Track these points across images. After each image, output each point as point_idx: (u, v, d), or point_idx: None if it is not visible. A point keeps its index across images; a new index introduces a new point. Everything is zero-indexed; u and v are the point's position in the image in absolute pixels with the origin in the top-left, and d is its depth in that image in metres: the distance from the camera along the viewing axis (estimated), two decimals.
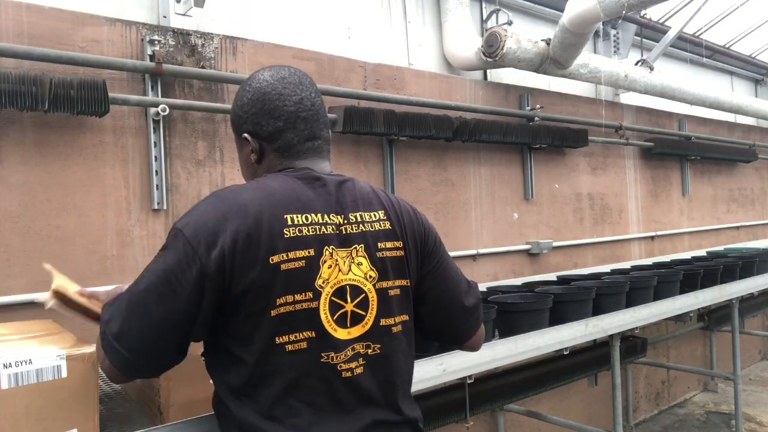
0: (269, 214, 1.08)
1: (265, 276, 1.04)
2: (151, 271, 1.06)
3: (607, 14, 3.05)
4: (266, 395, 1.06)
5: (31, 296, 2.02)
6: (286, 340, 1.06)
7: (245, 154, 1.26)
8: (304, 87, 1.22)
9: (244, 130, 1.23)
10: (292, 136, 1.20)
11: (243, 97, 1.23)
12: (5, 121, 2.05)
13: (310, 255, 1.08)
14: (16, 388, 1.20)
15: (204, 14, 2.60)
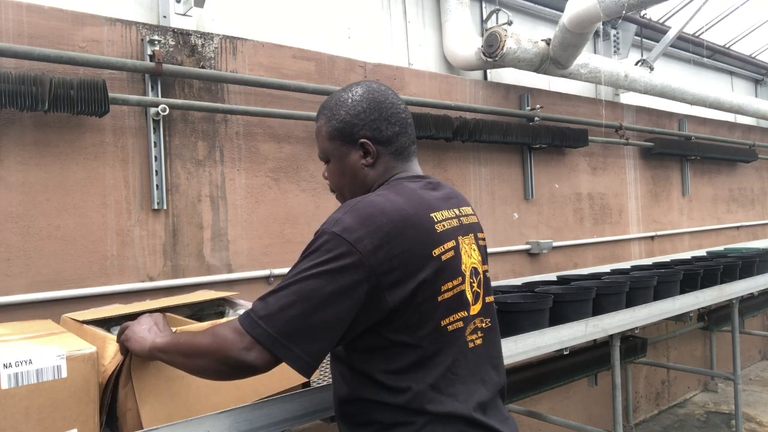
0: (422, 214, 1.21)
1: (432, 268, 1.18)
2: (316, 278, 1.13)
3: (607, 14, 3.05)
4: (432, 373, 1.18)
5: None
6: (448, 321, 1.21)
7: (353, 161, 1.32)
8: (398, 98, 1.37)
9: (361, 136, 1.31)
10: (405, 140, 1.35)
11: (356, 106, 1.31)
12: (5, 121, 2.05)
13: (454, 245, 1.24)
14: (16, 388, 1.20)
15: (204, 14, 2.60)
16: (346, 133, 1.31)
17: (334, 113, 1.32)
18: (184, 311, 1.88)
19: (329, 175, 1.38)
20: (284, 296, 1.12)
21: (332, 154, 1.34)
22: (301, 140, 2.80)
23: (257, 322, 1.11)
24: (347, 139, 1.31)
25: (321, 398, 1.56)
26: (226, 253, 2.54)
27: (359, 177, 1.33)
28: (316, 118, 1.38)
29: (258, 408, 1.45)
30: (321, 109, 1.37)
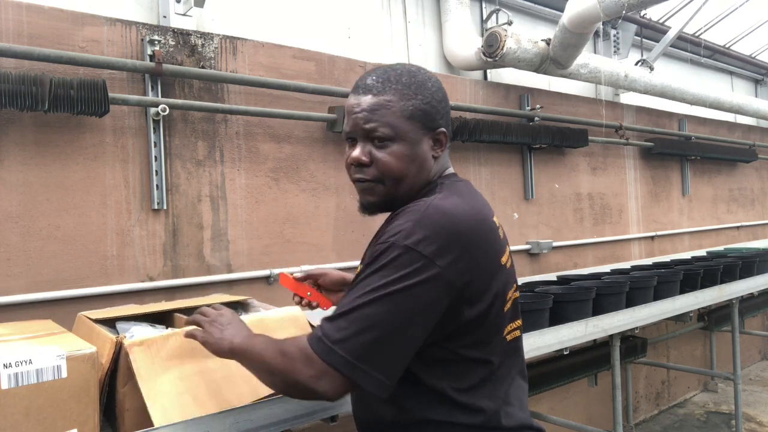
0: (489, 220, 1.16)
1: (502, 277, 1.14)
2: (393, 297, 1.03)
3: (607, 14, 3.05)
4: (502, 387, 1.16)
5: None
6: (507, 331, 1.18)
7: (425, 149, 1.19)
8: None
9: (440, 125, 1.20)
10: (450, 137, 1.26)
11: (437, 93, 1.21)
12: (5, 121, 2.05)
13: (508, 252, 1.21)
14: (16, 388, 1.20)
15: (204, 14, 2.60)
16: (429, 117, 1.18)
17: (416, 93, 1.17)
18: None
19: (389, 159, 1.16)
20: (359, 319, 1.02)
21: (406, 135, 1.16)
22: (301, 140, 2.80)
23: (332, 349, 1.01)
24: (428, 124, 1.18)
25: None
26: (226, 253, 2.54)
27: (426, 167, 1.20)
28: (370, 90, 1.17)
29: (258, 408, 1.45)
30: (384, 82, 1.17)
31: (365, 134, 1.16)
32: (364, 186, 1.20)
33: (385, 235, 1.08)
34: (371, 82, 1.18)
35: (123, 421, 1.40)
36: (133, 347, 1.38)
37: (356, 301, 1.04)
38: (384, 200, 1.20)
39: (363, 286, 1.05)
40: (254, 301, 2.01)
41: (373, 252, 1.08)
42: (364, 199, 1.22)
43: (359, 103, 1.17)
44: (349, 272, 2.92)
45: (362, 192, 1.22)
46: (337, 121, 2.78)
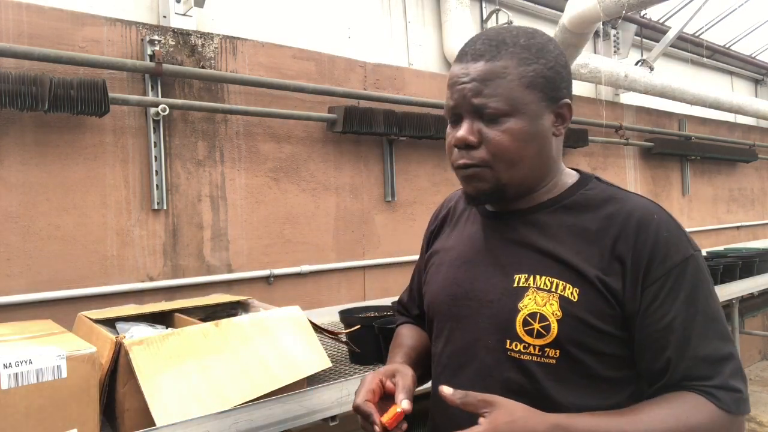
0: None
1: None
2: (716, 303, 0.94)
3: (607, 14, 3.05)
4: None
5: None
6: None
7: (546, 125, 0.98)
8: None
9: (564, 95, 0.99)
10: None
11: (563, 56, 1.00)
12: (5, 121, 2.05)
13: None
14: (16, 388, 1.20)
15: (204, 14, 2.60)
16: (554, 86, 0.97)
17: (537, 56, 0.96)
18: (198, 313, 1.89)
19: (503, 138, 0.94)
20: (733, 352, 0.92)
21: (526, 108, 0.94)
22: (301, 140, 2.80)
23: (745, 399, 0.91)
24: (552, 93, 0.97)
25: (321, 398, 1.56)
26: (226, 253, 2.54)
27: (547, 147, 0.99)
28: (483, 55, 0.96)
29: (258, 408, 1.45)
30: (499, 44, 0.96)
31: (474, 109, 0.95)
32: (470, 173, 0.98)
33: (682, 248, 0.93)
34: (482, 46, 0.97)
35: (123, 421, 1.40)
36: (133, 346, 1.38)
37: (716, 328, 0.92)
38: (494, 187, 0.98)
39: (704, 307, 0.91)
40: (254, 301, 2.01)
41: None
42: (471, 187, 1.00)
43: (467, 71, 0.97)
44: (348, 272, 2.94)
45: (468, 179, 0.99)
46: (337, 121, 2.78)
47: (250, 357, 1.54)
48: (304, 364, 1.62)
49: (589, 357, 0.92)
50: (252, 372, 1.52)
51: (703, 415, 0.87)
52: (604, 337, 0.92)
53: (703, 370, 0.89)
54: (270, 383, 1.52)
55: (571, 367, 0.93)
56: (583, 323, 0.91)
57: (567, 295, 0.92)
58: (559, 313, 0.92)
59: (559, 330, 0.92)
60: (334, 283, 2.89)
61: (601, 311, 0.91)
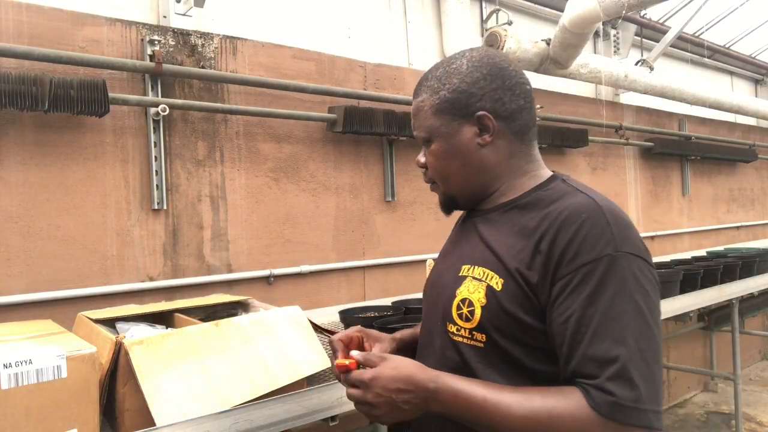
0: None
1: None
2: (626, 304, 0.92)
3: (607, 14, 3.05)
4: None
5: (41, 295, 2.03)
6: None
7: (465, 139, 1.08)
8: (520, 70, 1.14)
9: (478, 108, 1.07)
10: (528, 118, 1.10)
11: (473, 73, 1.07)
12: (5, 121, 2.05)
13: None
14: (16, 388, 1.20)
15: (204, 14, 2.60)
16: (460, 104, 1.07)
17: (444, 83, 1.09)
18: (198, 313, 1.89)
19: (431, 159, 1.13)
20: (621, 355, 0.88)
21: (438, 132, 1.09)
22: (301, 140, 2.80)
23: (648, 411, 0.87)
24: (460, 112, 1.08)
25: (321, 398, 1.57)
26: (226, 253, 2.54)
27: (474, 160, 1.09)
28: (416, 94, 1.14)
29: (258, 408, 1.45)
30: (422, 81, 1.13)
31: (419, 140, 1.16)
32: (431, 188, 1.19)
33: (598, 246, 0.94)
34: (417, 85, 1.15)
35: (123, 421, 1.40)
36: (133, 346, 1.38)
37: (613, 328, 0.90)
38: (446, 199, 1.16)
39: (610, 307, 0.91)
40: (254, 301, 2.01)
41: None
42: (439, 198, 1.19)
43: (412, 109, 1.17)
44: (348, 272, 2.94)
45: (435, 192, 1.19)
46: (337, 121, 2.78)
47: (250, 357, 1.54)
48: (304, 364, 1.62)
49: (513, 346, 0.99)
50: (252, 372, 1.52)
51: (569, 408, 0.89)
52: (526, 328, 0.97)
53: (589, 369, 0.90)
54: (270, 383, 1.52)
55: (497, 354, 1.00)
56: (504, 311, 0.98)
57: (493, 285, 1.01)
58: (484, 300, 1.01)
59: (482, 315, 1.00)
60: (334, 283, 2.89)
61: (522, 302, 0.97)
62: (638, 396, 0.86)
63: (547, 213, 1.00)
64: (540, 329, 0.97)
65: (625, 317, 0.90)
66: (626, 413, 0.86)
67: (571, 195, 1.02)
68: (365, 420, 2.49)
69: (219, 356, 1.50)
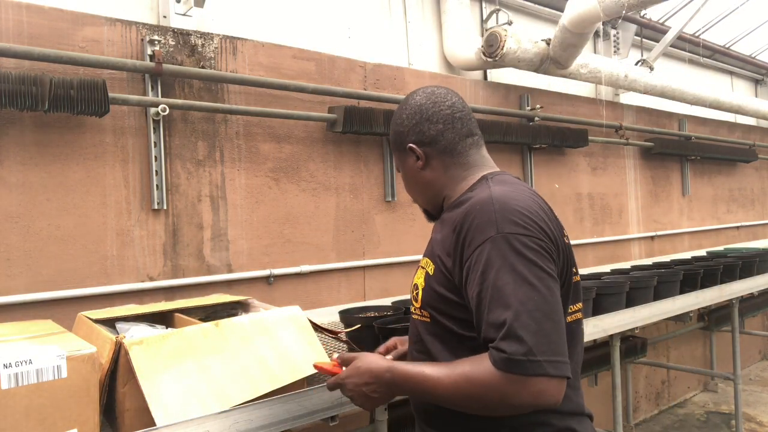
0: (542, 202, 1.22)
1: (565, 250, 1.19)
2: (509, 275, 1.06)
3: (607, 14, 3.05)
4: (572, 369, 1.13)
5: (33, 296, 2.03)
6: (570, 311, 1.21)
7: (410, 167, 1.35)
8: (452, 94, 1.40)
9: (407, 142, 1.33)
10: (452, 135, 1.32)
11: (400, 116, 1.36)
12: (5, 121, 2.05)
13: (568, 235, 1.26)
14: (16, 388, 1.20)
15: (204, 14, 2.60)
16: (398, 142, 1.36)
17: (392, 124, 1.40)
18: (198, 313, 1.89)
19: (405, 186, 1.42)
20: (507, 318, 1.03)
21: (397, 164, 1.40)
22: (301, 140, 2.80)
23: (541, 361, 1.01)
24: (400, 147, 1.36)
25: (321, 398, 1.56)
26: (226, 253, 2.54)
27: (420, 181, 1.35)
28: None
29: (258, 408, 1.45)
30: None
31: None
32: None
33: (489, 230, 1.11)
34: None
35: (123, 421, 1.40)
36: (133, 346, 1.38)
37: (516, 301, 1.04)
38: (423, 211, 1.43)
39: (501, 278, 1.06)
40: (254, 301, 2.01)
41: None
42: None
43: None
44: (348, 272, 2.94)
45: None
46: (337, 121, 2.78)
47: (250, 357, 1.54)
48: (304, 364, 1.62)
49: (446, 319, 1.20)
50: (252, 372, 1.52)
51: (479, 369, 1.06)
52: (451, 303, 1.18)
53: (490, 334, 1.05)
54: (270, 383, 1.52)
55: (438, 326, 1.22)
56: (434, 291, 1.21)
57: (429, 271, 1.24)
58: (423, 283, 1.25)
59: (422, 296, 1.25)
60: (334, 283, 2.89)
61: (444, 283, 1.19)
62: (528, 350, 1.01)
63: (463, 208, 1.19)
64: (461, 303, 1.16)
65: (508, 286, 1.05)
66: (519, 365, 1.01)
67: (481, 191, 1.21)
68: (365, 420, 2.50)
69: (219, 356, 1.50)
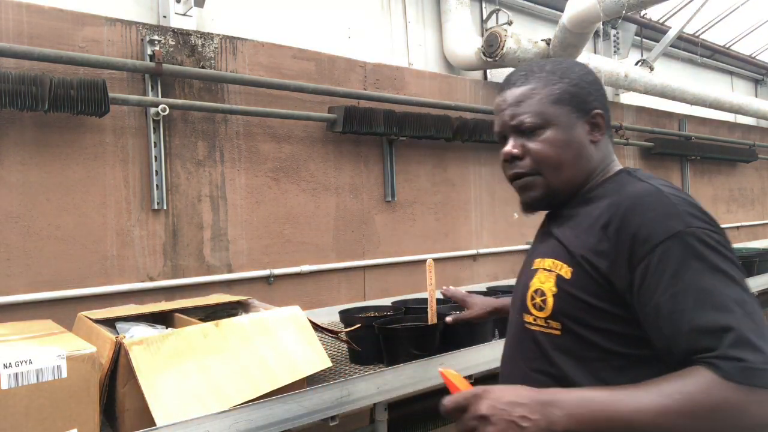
0: None
1: None
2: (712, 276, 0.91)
3: (607, 14, 3.05)
4: None
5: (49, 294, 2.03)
6: None
7: (579, 134, 1.11)
8: None
9: (594, 107, 1.12)
10: (609, 117, 1.17)
11: (588, 75, 1.14)
12: (5, 121, 2.05)
13: None
14: (16, 388, 1.20)
15: (204, 14, 2.60)
16: (581, 99, 1.11)
17: (563, 77, 1.12)
18: (198, 313, 1.89)
19: (543, 147, 1.10)
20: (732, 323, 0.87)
21: (557, 120, 1.10)
22: (301, 140, 2.80)
23: (756, 369, 0.85)
24: (580, 106, 1.11)
25: (321, 398, 1.56)
26: (226, 253, 2.54)
27: (584, 155, 1.11)
28: (515, 83, 1.14)
29: (258, 408, 1.45)
30: (528, 73, 1.14)
31: (514, 129, 1.12)
32: (522, 182, 1.13)
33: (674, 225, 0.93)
34: (514, 77, 1.16)
35: (123, 421, 1.40)
36: (133, 346, 1.38)
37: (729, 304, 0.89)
38: (546, 193, 1.12)
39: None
40: (254, 301, 2.01)
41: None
42: (524, 196, 1.15)
43: (504, 99, 1.15)
44: (348, 272, 2.94)
45: (522, 189, 1.15)
46: (337, 121, 2.78)
47: (250, 357, 1.54)
48: (304, 364, 1.62)
49: (588, 331, 1.00)
50: (252, 372, 1.52)
51: (700, 385, 0.86)
52: (599, 313, 0.99)
53: (704, 342, 0.88)
54: (270, 383, 1.52)
55: (573, 340, 1.02)
56: (575, 298, 1.01)
57: (562, 274, 1.04)
58: (555, 289, 1.04)
59: (554, 303, 1.04)
60: (334, 283, 2.89)
61: (592, 288, 0.99)
62: (765, 357, 0.85)
63: (610, 202, 1.03)
64: (612, 313, 0.98)
65: (718, 287, 0.89)
66: (760, 375, 0.84)
67: (633, 184, 1.04)
68: (365, 420, 2.49)
69: (219, 356, 1.50)
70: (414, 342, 1.87)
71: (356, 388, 1.62)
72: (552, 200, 1.13)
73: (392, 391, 1.71)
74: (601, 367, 0.98)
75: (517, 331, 1.14)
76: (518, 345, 1.14)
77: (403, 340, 1.89)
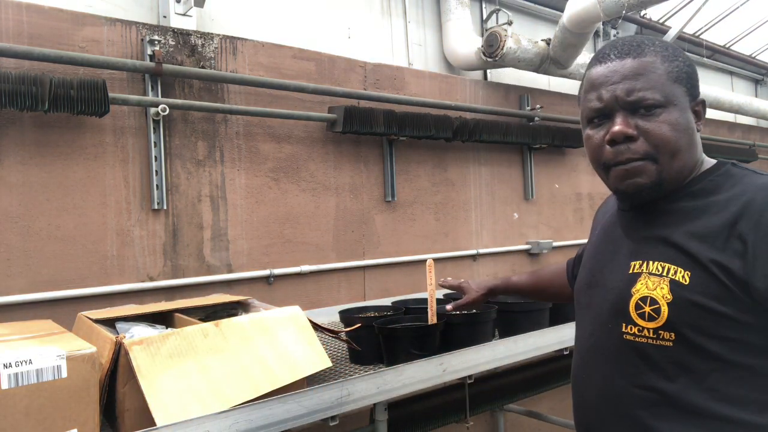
0: None
1: None
2: None
3: (607, 14, 3.05)
4: None
5: (34, 296, 2.03)
6: None
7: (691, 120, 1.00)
8: None
9: (698, 93, 1.02)
10: None
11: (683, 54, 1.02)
12: (5, 121, 2.05)
13: None
14: (16, 388, 1.20)
15: (204, 14, 2.60)
16: (693, 82, 1.01)
17: (677, 55, 1.00)
18: (198, 313, 1.89)
19: (664, 129, 0.96)
20: None
21: (677, 100, 0.97)
22: (301, 140, 2.80)
23: None
24: (691, 90, 1.00)
25: (321, 398, 1.56)
26: (226, 253, 2.54)
27: (695, 142, 1.00)
28: (627, 53, 0.99)
29: (258, 408, 1.45)
30: (641, 44, 1.00)
31: (628, 104, 0.97)
32: (631, 167, 0.98)
33: None
34: (623, 47, 1.00)
35: (123, 421, 1.40)
36: (133, 346, 1.38)
37: None
38: (655, 182, 0.98)
39: None
40: (254, 301, 2.01)
41: None
42: (627, 184, 1.00)
43: (614, 70, 0.98)
44: (348, 272, 2.94)
45: (625, 176, 0.99)
46: (337, 121, 2.78)
47: (250, 357, 1.54)
48: (304, 364, 1.62)
49: (709, 341, 0.91)
50: (252, 372, 1.52)
51: None
52: (724, 320, 0.90)
53: None
54: (270, 383, 1.52)
55: (690, 351, 0.92)
56: (697, 306, 0.91)
57: (678, 279, 0.93)
58: (670, 296, 0.93)
59: (670, 312, 0.93)
60: (334, 283, 2.89)
61: (717, 293, 0.90)
62: None
63: (731, 196, 0.93)
64: (735, 318, 0.89)
65: None
66: None
67: (752, 176, 0.96)
68: (365, 420, 2.50)
69: (219, 356, 1.50)
70: (414, 342, 1.88)
71: (356, 388, 1.62)
72: (658, 190, 0.99)
73: (392, 391, 1.71)
74: (719, 378, 0.91)
75: (609, 344, 1.02)
76: (614, 359, 1.01)
77: (403, 340, 1.89)
